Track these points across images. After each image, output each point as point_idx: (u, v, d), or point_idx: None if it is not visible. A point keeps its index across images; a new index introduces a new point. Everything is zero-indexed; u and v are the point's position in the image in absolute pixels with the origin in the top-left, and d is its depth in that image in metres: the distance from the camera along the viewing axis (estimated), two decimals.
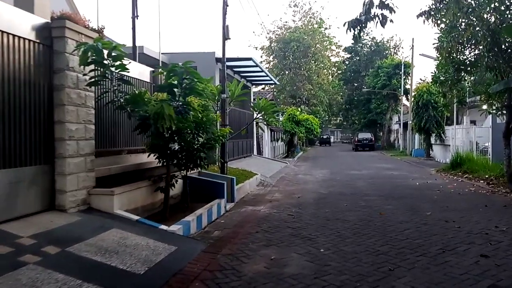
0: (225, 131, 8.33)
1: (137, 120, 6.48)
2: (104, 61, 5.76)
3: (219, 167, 10.93)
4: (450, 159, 18.74)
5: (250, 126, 18.17)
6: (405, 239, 5.88)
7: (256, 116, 11.30)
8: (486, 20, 10.26)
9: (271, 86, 38.57)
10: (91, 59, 5.68)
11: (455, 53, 12.15)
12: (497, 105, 13.24)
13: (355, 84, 54.46)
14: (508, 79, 10.54)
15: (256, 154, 21.50)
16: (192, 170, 7.70)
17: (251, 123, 16.58)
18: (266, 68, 34.25)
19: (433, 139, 25.36)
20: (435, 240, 5.85)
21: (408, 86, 36.02)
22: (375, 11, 7.40)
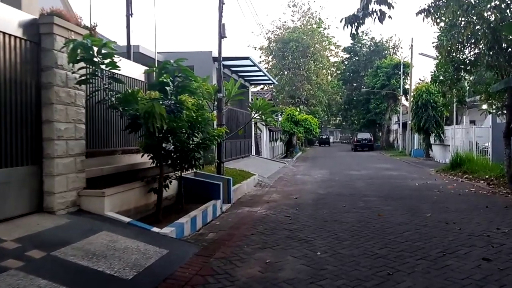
0: (221, 131, 8.17)
1: (128, 119, 6.31)
2: (94, 58, 5.57)
3: (216, 167, 10.76)
4: (449, 159, 18.60)
5: (248, 126, 18.00)
6: (405, 242, 5.71)
7: (253, 115, 11.12)
8: (486, 18, 10.12)
9: (270, 86, 38.45)
10: (80, 56, 5.50)
11: (454, 52, 12.04)
12: (497, 105, 13.14)
13: (354, 84, 54.32)
14: (508, 78, 10.41)
15: (254, 154, 21.33)
16: (187, 170, 7.53)
17: (248, 123, 16.41)
18: (265, 68, 34.07)
19: (432, 139, 25.21)
20: (435, 242, 5.67)
21: (407, 86, 35.87)
22: (373, 7, 7.25)
